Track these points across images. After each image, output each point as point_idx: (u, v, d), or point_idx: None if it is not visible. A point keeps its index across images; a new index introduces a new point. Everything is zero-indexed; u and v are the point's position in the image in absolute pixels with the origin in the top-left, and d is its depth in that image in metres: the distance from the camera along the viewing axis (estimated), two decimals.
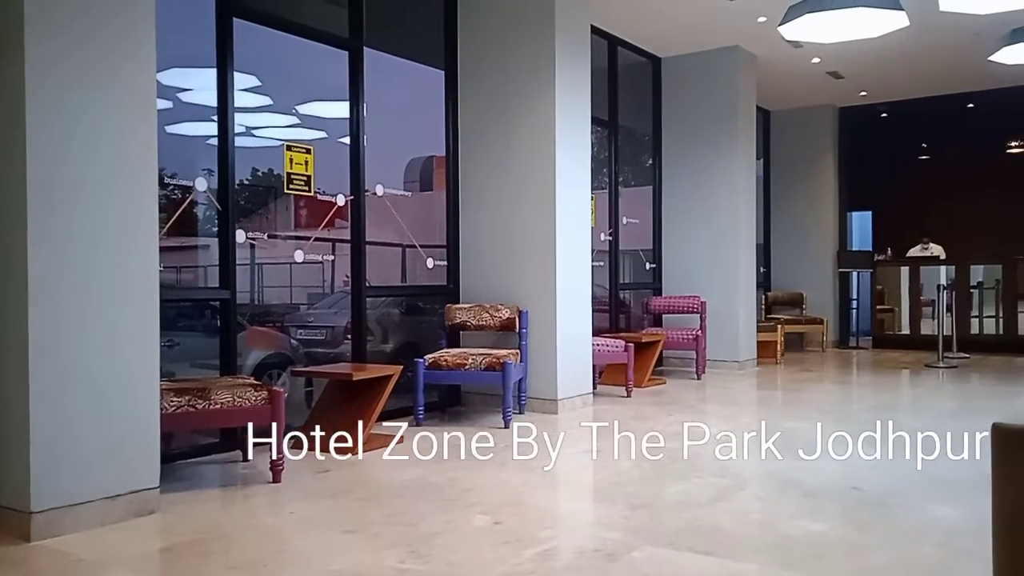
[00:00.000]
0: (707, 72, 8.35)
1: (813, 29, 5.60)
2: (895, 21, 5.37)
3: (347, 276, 5.41)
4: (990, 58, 6.56)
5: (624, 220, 7.95)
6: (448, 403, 6.02)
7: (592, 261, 6.18)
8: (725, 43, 8.11)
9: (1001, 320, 9.94)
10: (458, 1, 6.12)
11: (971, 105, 10.56)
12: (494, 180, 5.97)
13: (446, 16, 6.13)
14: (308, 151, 5.02)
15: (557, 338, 5.67)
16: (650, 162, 8.66)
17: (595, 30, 7.36)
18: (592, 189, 6.22)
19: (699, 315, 7.77)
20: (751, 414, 6.00)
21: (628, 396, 6.35)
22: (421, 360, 5.25)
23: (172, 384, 3.73)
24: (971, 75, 9.09)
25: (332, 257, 5.51)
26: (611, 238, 7.69)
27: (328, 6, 5.49)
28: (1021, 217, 10.43)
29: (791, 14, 5.42)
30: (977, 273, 10.29)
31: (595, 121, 6.62)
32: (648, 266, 8.53)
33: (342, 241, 5.39)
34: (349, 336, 5.41)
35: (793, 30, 5.57)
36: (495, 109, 5.96)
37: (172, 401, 3.53)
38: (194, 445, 4.43)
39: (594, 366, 6.13)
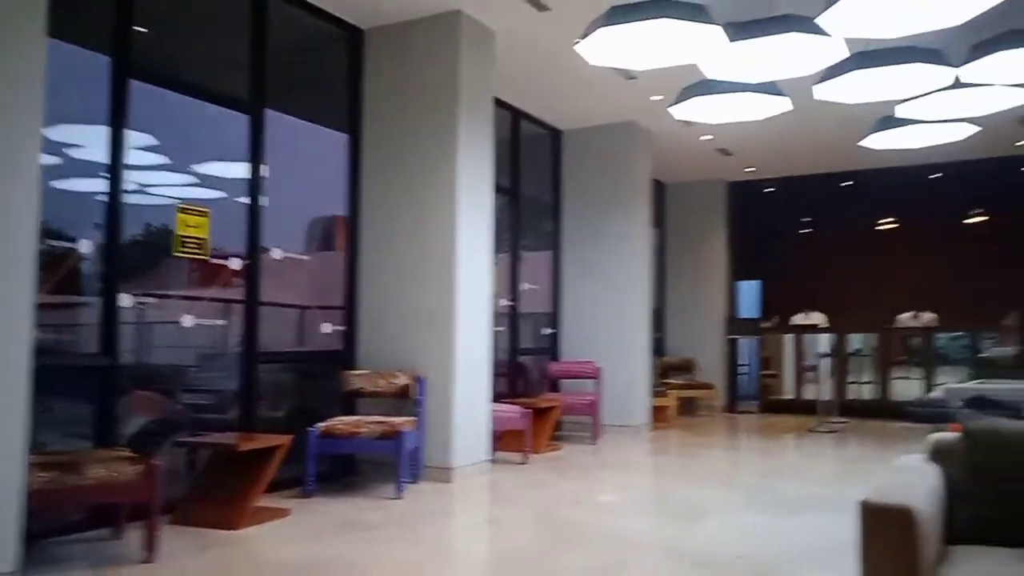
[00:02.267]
0: (606, 145, 8.67)
1: (702, 110, 5.90)
2: (777, 106, 5.74)
3: (239, 339, 5.25)
4: (860, 143, 7.06)
5: (525, 285, 8.05)
6: (341, 472, 5.86)
7: (492, 326, 6.21)
8: (623, 119, 8.46)
9: (876, 386, 10.51)
10: (364, 67, 6.17)
11: (848, 183, 11.30)
12: (395, 244, 5.96)
13: (351, 81, 6.16)
14: (203, 213, 4.89)
15: (454, 405, 5.63)
16: (551, 229, 8.85)
17: (499, 102, 7.55)
18: (494, 254, 6.30)
19: (595, 380, 7.90)
20: (645, 480, 6.09)
21: (525, 463, 6.34)
22: (313, 428, 5.11)
23: (41, 457, 3.50)
24: (846, 157, 9.76)
25: (224, 322, 5.35)
26: (512, 303, 7.77)
27: (230, 68, 5.44)
28: (893, 289, 11.12)
29: (682, 95, 5.71)
30: (855, 341, 10.88)
31: (498, 189, 6.74)
32: (546, 331, 8.63)
33: (235, 302, 5.24)
34: (240, 402, 5.22)
35: (684, 110, 5.86)
36: (398, 174, 5.99)
37: (39, 476, 3.30)
38: (64, 522, 4.14)
39: (492, 432, 6.12)
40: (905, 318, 10.90)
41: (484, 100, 6.11)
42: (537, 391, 8.27)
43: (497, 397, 6.64)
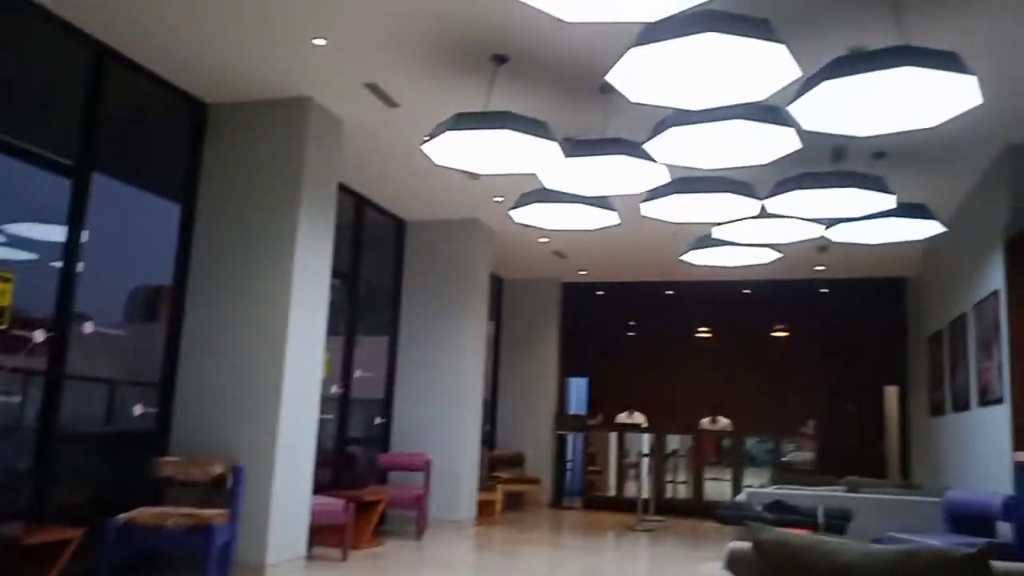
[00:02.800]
0: (448, 239, 8.85)
1: (539, 215, 6.20)
2: (607, 218, 6.12)
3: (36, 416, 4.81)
4: (681, 257, 7.64)
5: (358, 372, 7.93)
6: (144, 568, 5.40)
7: (320, 413, 6.05)
8: (466, 215, 8.70)
9: (691, 485, 11.03)
10: (204, 139, 6.05)
11: (670, 292, 12.08)
12: (223, 321, 5.74)
13: (189, 152, 6.00)
14: (7, 279, 4.53)
15: (273, 496, 5.39)
16: (389, 316, 8.83)
17: (345, 188, 7.58)
18: (328, 336, 6.19)
19: (424, 473, 7.81)
20: None
21: (344, 560, 6.11)
22: (113, 519, 4.71)
23: None
24: (669, 268, 10.48)
25: (20, 398, 4.90)
26: (343, 389, 7.62)
27: (55, 129, 5.17)
28: (706, 394, 11.84)
29: (521, 200, 5.98)
30: (673, 441, 11.43)
31: (337, 273, 6.69)
32: (378, 420, 8.50)
33: (36, 373, 4.82)
34: (32, 486, 4.74)
35: (522, 214, 6.13)
36: (232, 249, 5.82)
37: None
38: None
39: (311, 526, 5.88)
40: (705, 423, 11.60)
41: (327, 186, 6.12)
42: (364, 483, 8.06)
43: (321, 488, 6.42)
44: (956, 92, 3.59)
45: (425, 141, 4.82)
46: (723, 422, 11.37)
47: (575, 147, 4.92)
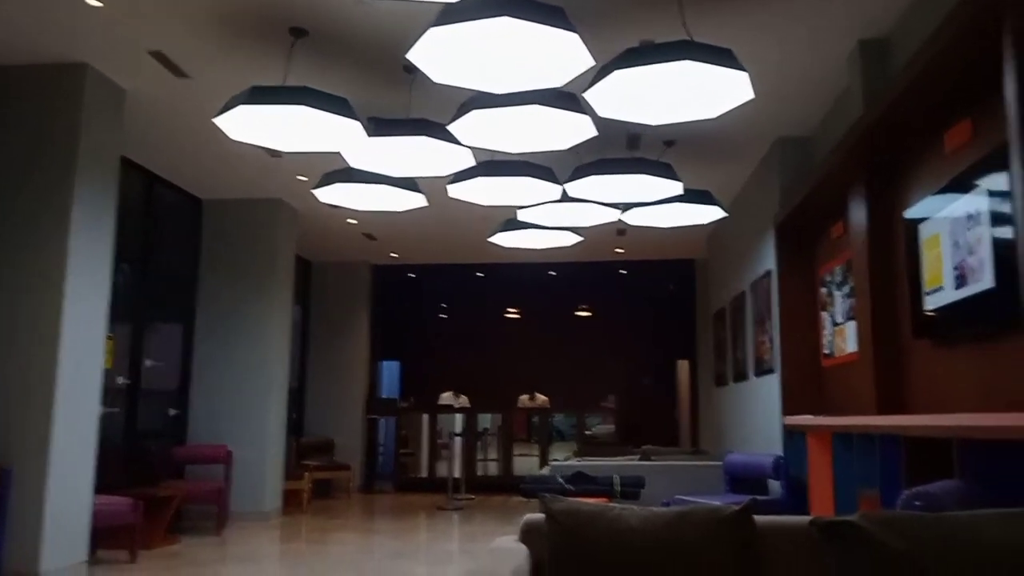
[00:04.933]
0: (250, 219, 8.45)
1: (344, 196, 6.06)
2: (415, 200, 6.09)
3: None
4: (489, 239, 7.76)
5: (148, 362, 7.42)
6: None
7: (105, 407, 5.59)
8: (269, 195, 8.34)
9: (501, 463, 11.32)
10: None
11: (481, 274, 12.27)
12: None
13: None
14: None
15: (47, 499, 4.92)
16: (185, 302, 8.31)
17: (132, 164, 7.02)
18: (114, 325, 5.72)
19: (224, 465, 7.45)
20: (270, 573, 5.82)
21: (132, 561, 5.71)
22: None
23: None
24: (479, 250, 10.62)
25: None
26: (130, 381, 7.09)
27: None
28: (517, 373, 12.18)
29: (325, 180, 5.81)
30: (484, 420, 11.66)
31: (124, 255, 6.19)
32: (172, 411, 8.00)
33: None
34: None
35: (327, 194, 5.96)
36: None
37: None
38: None
39: (95, 528, 5.43)
40: (524, 399, 11.97)
41: (108, 161, 5.63)
42: (158, 479, 7.56)
43: (108, 488, 5.94)
44: (731, 87, 3.87)
45: (219, 115, 4.55)
46: (540, 399, 11.74)
47: (379, 127, 4.84)
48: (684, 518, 2.46)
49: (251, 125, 4.69)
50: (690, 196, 6.18)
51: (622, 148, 6.64)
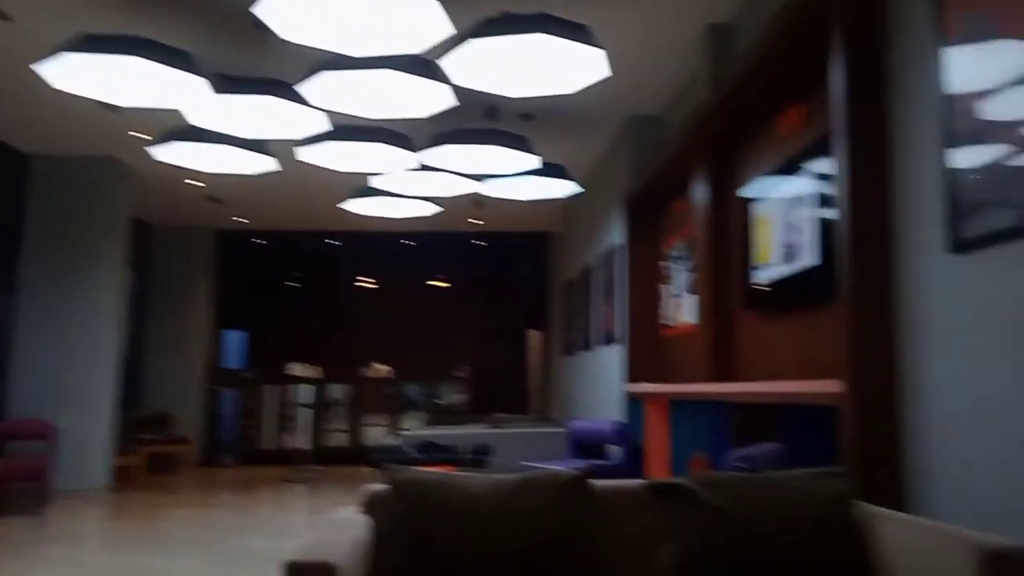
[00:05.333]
0: (81, 178, 7.85)
1: (186, 155, 5.73)
2: (263, 163, 5.85)
3: None
4: (339, 205, 7.59)
5: None
6: None
7: None
8: (103, 152, 7.76)
9: (351, 433, 11.19)
10: None
11: (335, 243, 11.99)
12: None
13: None
14: None
15: None
16: (6, 266, 7.62)
17: None
18: None
19: (48, 441, 6.94)
20: (96, 553, 5.49)
21: None
22: None
23: None
24: (333, 217, 10.36)
25: None
26: None
27: None
28: (370, 343, 12.04)
29: (164, 137, 5.47)
30: (335, 391, 11.46)
31: None
32: None
33: None
34: None
35: (165, 153, 5.62)
36: None
37: None
38: None
39: None
40: (368, 371, 11.85)
41: None
42: None
43: None
44: (587, 63, 3.95)
45: (40, 63, 4.16)
46: (383, 369, 11.65)
47: (226, 84, 4.59)
48: (526, 484, 2.52)
49: (80, 75, 4.33)
50: (546, 170, 6.28)
51: (480, 119, 6.64)
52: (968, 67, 2.43)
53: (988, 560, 1.77)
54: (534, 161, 5.67)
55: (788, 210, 3.85)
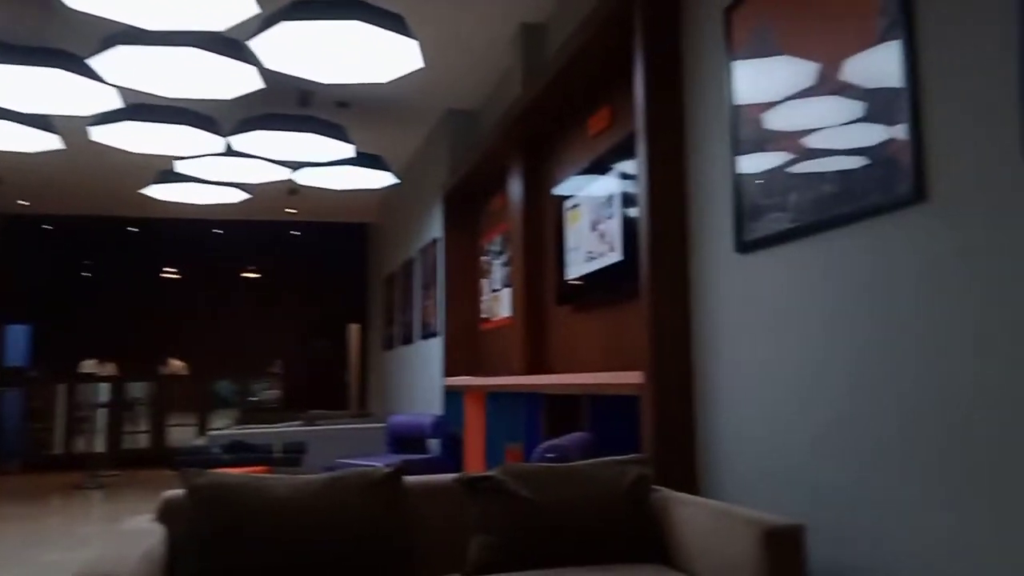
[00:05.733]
0: None
1: None
2: (47, 141, 5.32)
3: None
4: (142, 191, 7.06)
5: None
6: None
7: None
8: None
9: (153, 434, 10.48)
10: None
11: (134, 229, 11.15)
12: None
13: None
14: None
15: None
16: None
17: None
18: None
19: None
20: None
21: None
22: None
23: None
24: (132, 203, 9.63)
25: None
26: None
27: None
28: (176, 338, 11.32)
29: None
30: (136, 389, 10.68)
31: None
32: None
33: None
34: None
35: None
36: None
37: None
38: None
39: None
40: (171, 367, 11.13)
41: None
42: None
43: None
44: (401, 53, 3.89)
45: None
46: (179, 366, 10.98)
47: (4, 54, 4.12)
48: (336, 483, 2.45)
49: None
50: (362, 160, 6.15)
51: (293, 105, 6.40)
52: (753, 79, 2.62)
53: (765, 537, 1.92)
54: (349, 150, 5.54)
55: (598, 208, 3.99)
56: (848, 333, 2.17)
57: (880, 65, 2.06)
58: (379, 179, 6.47)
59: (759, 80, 2.58)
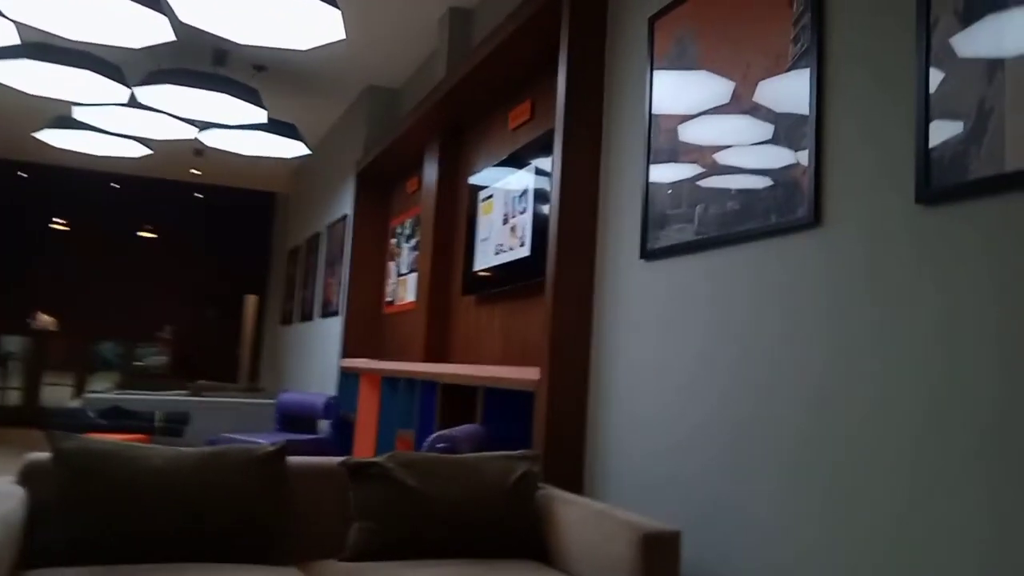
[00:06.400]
0: None
1: None
2: None
3: None
4: (35, 134, 6.65)
5: None
6: None
7: None
8: None
9: (27, 392, 9.92)
10: None
11: (23, 175, 10.51)
12: None
13: None
14: None
15: None
16: None
17: None
18: None
19: None
20: None
21: None
22: None
23: None
24: (22, 146, 9.06)
25: None
26: None
27: None
28: (59, 293, 10.74)
29: None
30: (11, 343, 10.08)
31: None
32: None
33: None
34: None
35: None
36: None
37: None
38: None
39: None
40: (42, 322, 10.57)
41: None
42: None
43: None
44: (323, 21, 3.78)
45: None
46: (48, 320, 10.43)
47: None
48: (215, 458, 2.37)
49: None
50: (275, 127, 5.97)
51: (208, 63, 6.15)
52: (672, 91, 2.66)
53: (643, 541, 1.96)
54: (262, 116, 5.36)
55: (511, 202, 3.99)
56: (740, 348, 2.23)
57: (791, 91, 2.12)
58: (291, 148, 6.29)
59: (678, 92, 2.63)
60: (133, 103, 5.60)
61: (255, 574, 2.07)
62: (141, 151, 6.83)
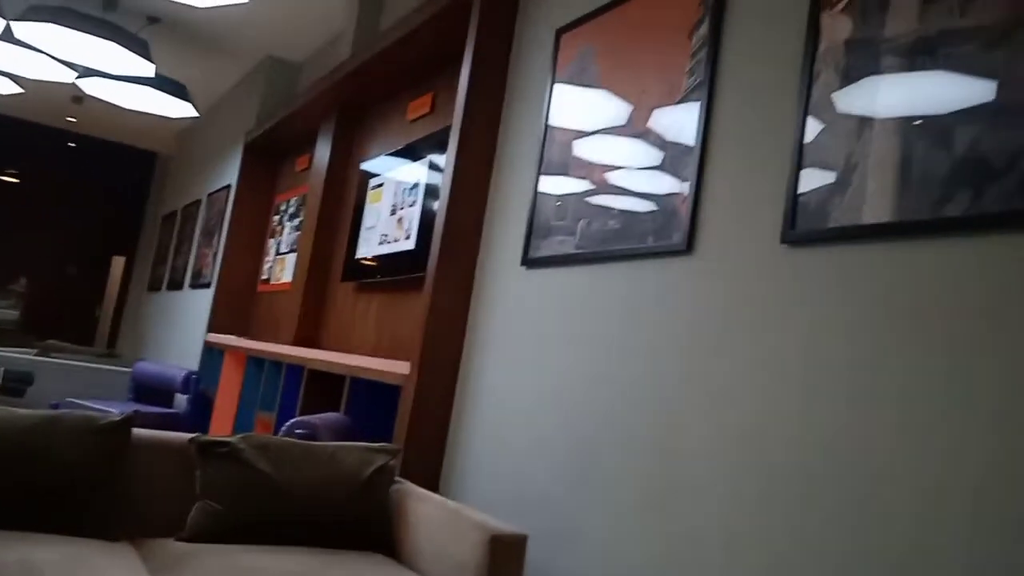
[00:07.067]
0: None
1: None
2: None
3: None
4: None
5: None
6: None
7: None
8: None
9: None
10: None
11: None
12: None
13: None
14: None
15: None
16: None
17: None
18: None
19: None
20: None
21: None
22: None
23: None
24: None
25: None
26: None
27: None
28: None
29: None
30: None
31: None
32: None
33: None
34: None
35: None
36: None
37: None
38: None
39: None
40: None
41: None
42: None
43: None
44: None
45: None
46: None
47: None
48: (55, 423, 2.23)
49: None
50: (162, 83, 5.69)
51: (98, 7, 5.79)
52: (570, 105, 2.70)
53: (490, 542, 1.98)
54: (149, 69, 5.09)
55: (401, 193, 3.96)
56: (604, 363, 2.29)
57: (681, 122, 2.20)
58: (178, 108, 6.02)
59: (576, 107, 2.68)
60: (8, 37, 5.21)
61: (78, 547, 1.96)
62: (11, 88, 6.37)
